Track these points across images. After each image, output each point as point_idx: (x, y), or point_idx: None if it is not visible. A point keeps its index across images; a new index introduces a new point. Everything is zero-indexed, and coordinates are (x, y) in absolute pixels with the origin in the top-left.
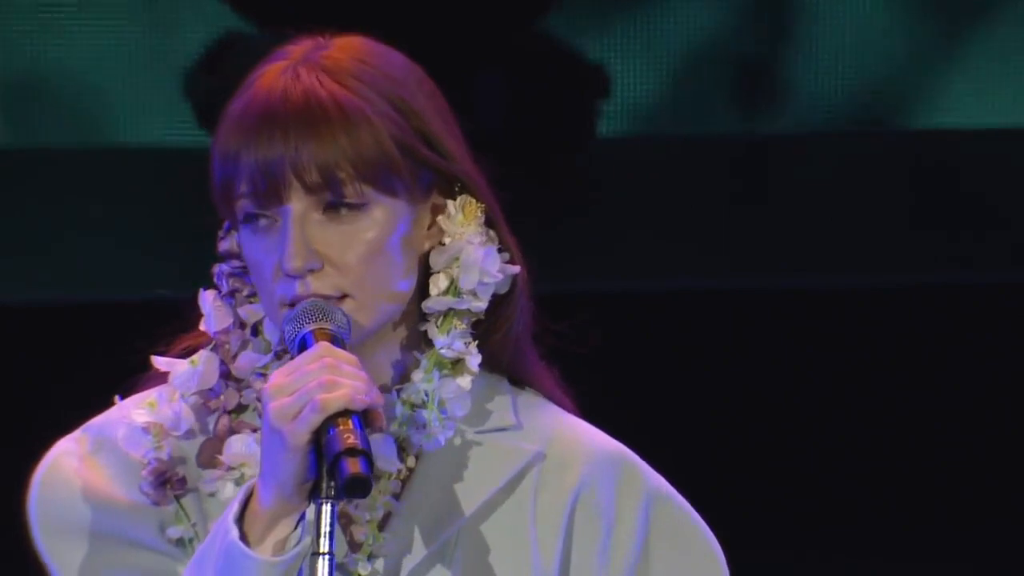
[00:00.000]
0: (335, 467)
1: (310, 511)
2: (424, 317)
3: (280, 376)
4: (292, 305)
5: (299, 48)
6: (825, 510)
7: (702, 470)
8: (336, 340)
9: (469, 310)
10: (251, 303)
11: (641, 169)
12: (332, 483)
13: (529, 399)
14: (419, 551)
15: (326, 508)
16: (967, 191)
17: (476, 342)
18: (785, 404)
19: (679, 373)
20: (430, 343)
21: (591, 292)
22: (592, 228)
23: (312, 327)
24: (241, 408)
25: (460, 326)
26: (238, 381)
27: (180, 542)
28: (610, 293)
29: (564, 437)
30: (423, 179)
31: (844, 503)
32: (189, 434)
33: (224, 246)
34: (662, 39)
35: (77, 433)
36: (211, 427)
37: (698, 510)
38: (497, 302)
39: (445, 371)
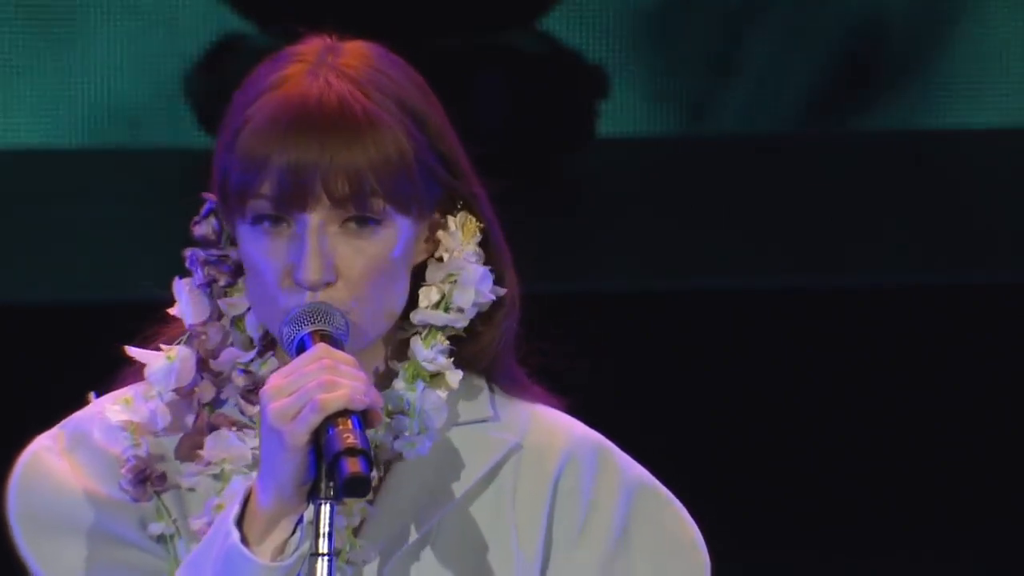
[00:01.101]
0: (335, 467)
1: (308, 513)
2: (404, 326)
3: (279, 377)
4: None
5: (311, 50)
6: (825, 510)
7: (702, 470)
8: (334, 341)
9: (452, 326)
10: (229, 295)
11: (641, 169)
12: (331, 483)
13: (506, 395)
14: (398, 548)
15: (325, 508)
16: (968, 191)
17: (453, 359)
18: (785, 404)
19: (679, 373)
20: (407, 352)
21: (591, 292)
22: (591, 228)
23: (310, 329)
24: (219, 402)
25: (443, 341)
26: (215, 374)
27: (161, 538)
28: (610, 293)
29: (541, 427)
30: (432, 196)
31: (844, 503)
32: (167, 430)
33: (201, 231)
34: (659, 38)
35: (54, 430)
36: (189, 422)
37: (698, 510)
38: (483, 317)
39: (427, 382)
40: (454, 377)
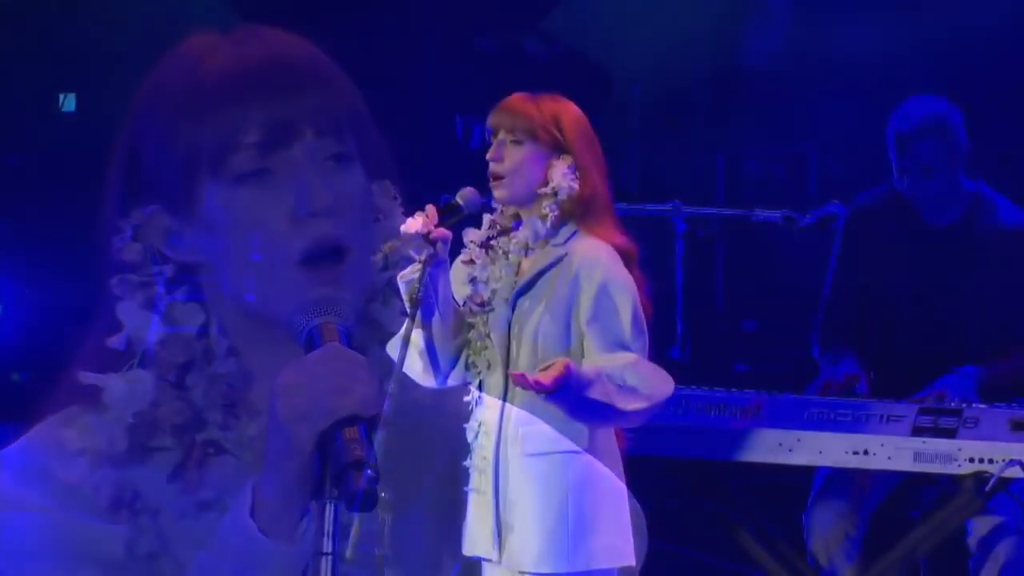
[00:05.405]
0: (341, 478)
1: (314, 507)
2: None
3: (291, 375)
4: (306, 262)
5: (205, 39)
6: None
7: (702, 470)
8: (344, 336)
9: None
10: (173, 310)
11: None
12: (336, 488)
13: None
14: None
15: (329, 508)
16: None
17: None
18: None
19: None
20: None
21: None
22: None
23: (319, 321)
24: (198, 422)
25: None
26: (185, 391)
27: (150, 556)
28: None
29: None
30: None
31: None
32: (128, 452)
33: (130, 256)
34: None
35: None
36: (156, 444)
37: (698, 510)
38: None
39: None
40: None
